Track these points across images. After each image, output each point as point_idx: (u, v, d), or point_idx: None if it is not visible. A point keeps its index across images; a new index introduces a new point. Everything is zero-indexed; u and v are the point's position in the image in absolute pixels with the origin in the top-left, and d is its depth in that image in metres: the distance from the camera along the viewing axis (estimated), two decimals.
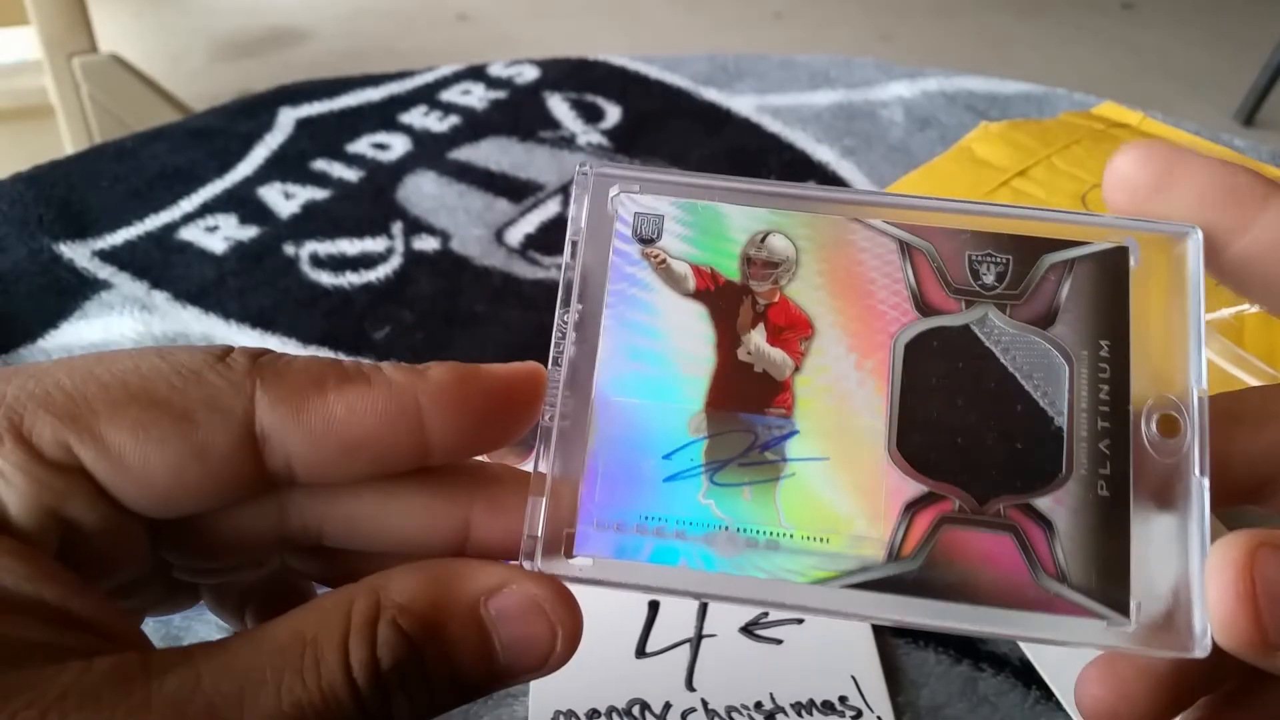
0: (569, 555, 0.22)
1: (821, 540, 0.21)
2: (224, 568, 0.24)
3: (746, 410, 0.22)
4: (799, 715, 0.35)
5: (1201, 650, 0.20)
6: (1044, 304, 0.22)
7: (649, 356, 0.22)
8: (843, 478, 0.22)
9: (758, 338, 0.22)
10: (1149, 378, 0.22)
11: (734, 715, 0.35)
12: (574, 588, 0.22)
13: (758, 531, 0.22)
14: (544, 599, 0.21)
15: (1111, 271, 0.22)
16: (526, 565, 0.21)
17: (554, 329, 0.22)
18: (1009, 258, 0.22)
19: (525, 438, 0.45)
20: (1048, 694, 0.36)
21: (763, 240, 0.23)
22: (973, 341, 0.22)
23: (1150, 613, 0.21)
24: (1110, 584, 0.21)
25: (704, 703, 0.35)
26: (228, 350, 0.21)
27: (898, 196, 0.23)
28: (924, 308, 0.22)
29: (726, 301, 0.23)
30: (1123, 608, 0.21)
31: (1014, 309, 0.22)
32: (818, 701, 0.35)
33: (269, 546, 0.23)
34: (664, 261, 0.23)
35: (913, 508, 0.21)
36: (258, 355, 0.21)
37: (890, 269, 0.23)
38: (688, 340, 0.23)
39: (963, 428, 0.22)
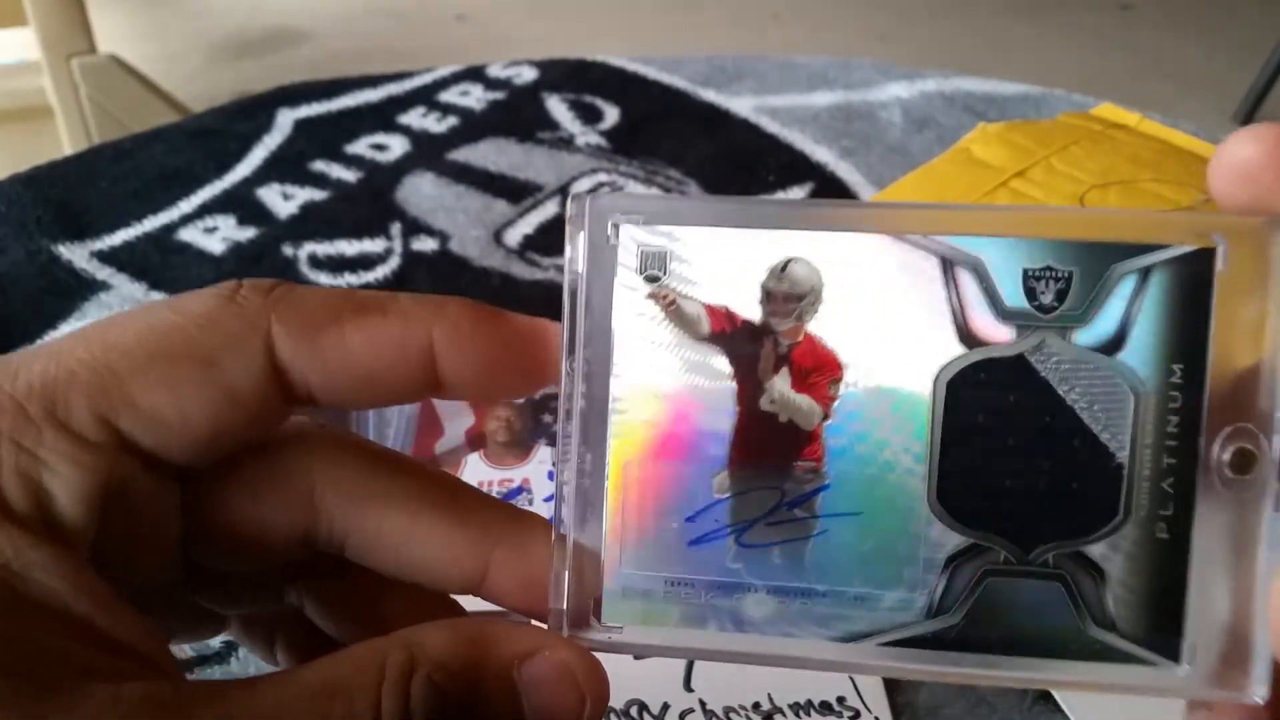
0: (596, 624, 0.21)
1: (856, 600, 0.20)
2: (248, 592, 0.24)
3: (773, 465, 0.20)
4: (797, 715, 0.35)
5: (1258, 696, 0.19)
6: (1112, 325, 0.20)
7: (665, 409, 0.21)
8: (878, 533, 0.20)
9: (782, 384, 0.20)
10: (1225, 404, 0.19)
11: (732, 716, 0.35)
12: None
13: (789, 593, 0.21)
14: (575, 667, 0.21)
15: (1192, 280, 0.19)
16: None
17: (561, 379, 0.21)
18: (1072, 271, 0.20)
19: (524, 438, 0.45)
20: (1046, 694, 0.36)
21: (783, 269, 0.20)
22: (1027, 373, 0.20)
23: (1206, 657, 0.19)
24: (1161, 631, 0.19)
25: (702, 703, 0.35)
26: (237, 287, 0.21)
27: (938, 206, 0.21)
28: (970, 338, 0.20)
29: (746, 344, 0.21)
30: (1174, 654, 0.19)
31: (1076, 332, 0.20)
32: (815, 702, 0.35)
33: (294, 546, 0.22)
34: (673, 302, 0.21)
35: (954, 561, 0.20)
36: (270, 289, 0.21)
37: (931, 292, 0.20)
38: (706, 389, 0.21)
39: (1012, 471, 0.20)
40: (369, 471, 0.22)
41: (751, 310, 0.21)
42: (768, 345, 0.21)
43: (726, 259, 0.21)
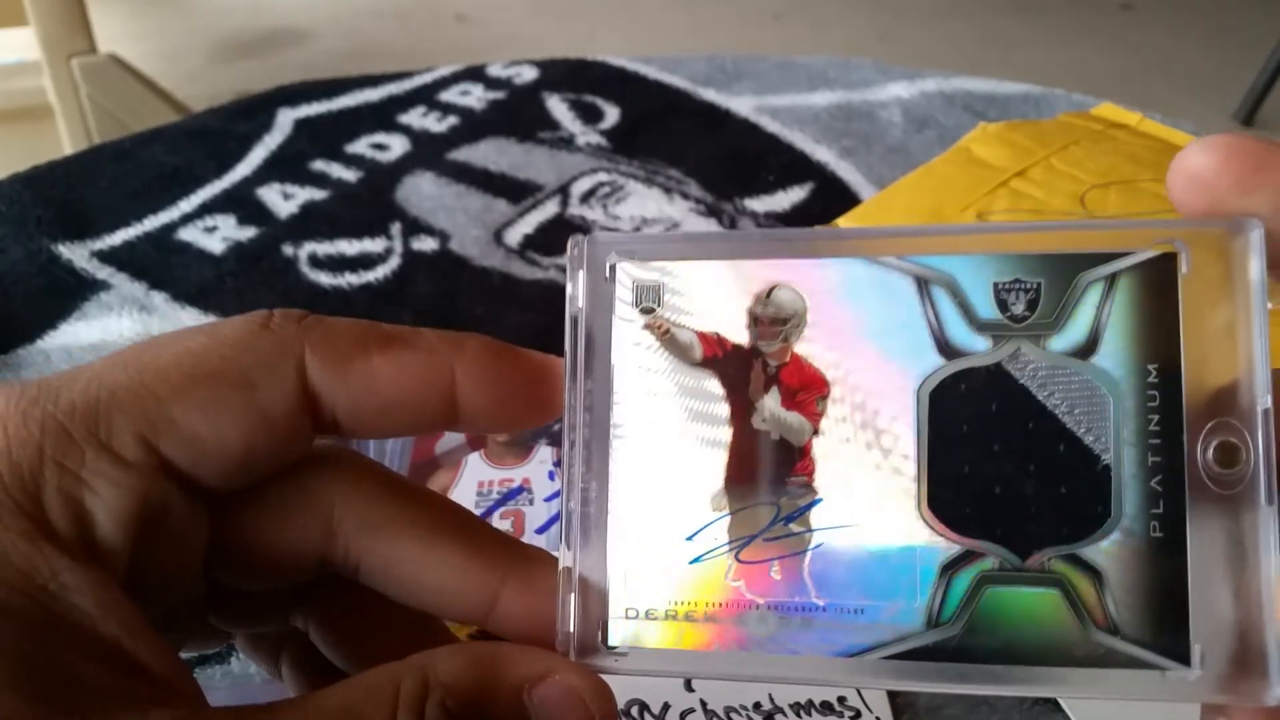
0: (603, 648, 0.22)
1: (856, 612, 0.21)
2: (258, 613, 0.25)
3: (767, 481, 0.21)
4: (798, 716, 0.35)
5: (1275, 698, 0.19)
6: (1083, 330, 0.20)
7: (663, 432, 0.22)
8: (873, 544, 0.21)
9: (771, 403, 0.21)
10: (1204, 401, 0.20)
11: (733, 716, 0.35)
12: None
13: (789, 608, 0.21)
14: (584, 690, 0.21)
15: (1158, 283, 0.20)
16: None
17: (565, 408, 0.22)
18: (1040, 282, 0.20)
19: (524, 438, 0.45)
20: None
21: (768, 295, 0.22)
22: (1005, 381, 0.20)
23: (1215, 659, 0.19)
24: (1167, 632, 0.19)
25: (703, 703, 0.35)
26: (269, 315, 0.22)
27: (909, 229, 0.21)
28: (948, 349, 0.21)
29: (736, 367, 0.21)
30: (1182, 657, 0.19)
31: (1050, 339, 0.20)
32: (816, 702, 0.35)
33: (310, 567, 0.23)
34: (667, 331, 0.22)
35: (950, 569, 0.20)
36: (300, 318, 0.22)
37: (908, 309, 0.21)
38: (701, 412, 0.22)
39: (1000, 477, 0.20)
40: (387, 499, 0.23)
41: (740, 335, 0.22)
42: (757, 367, 0.21)
43: (715, 289, 0.22)
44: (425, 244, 0.61)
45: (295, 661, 0.26)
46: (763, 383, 0.21)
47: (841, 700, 0.35)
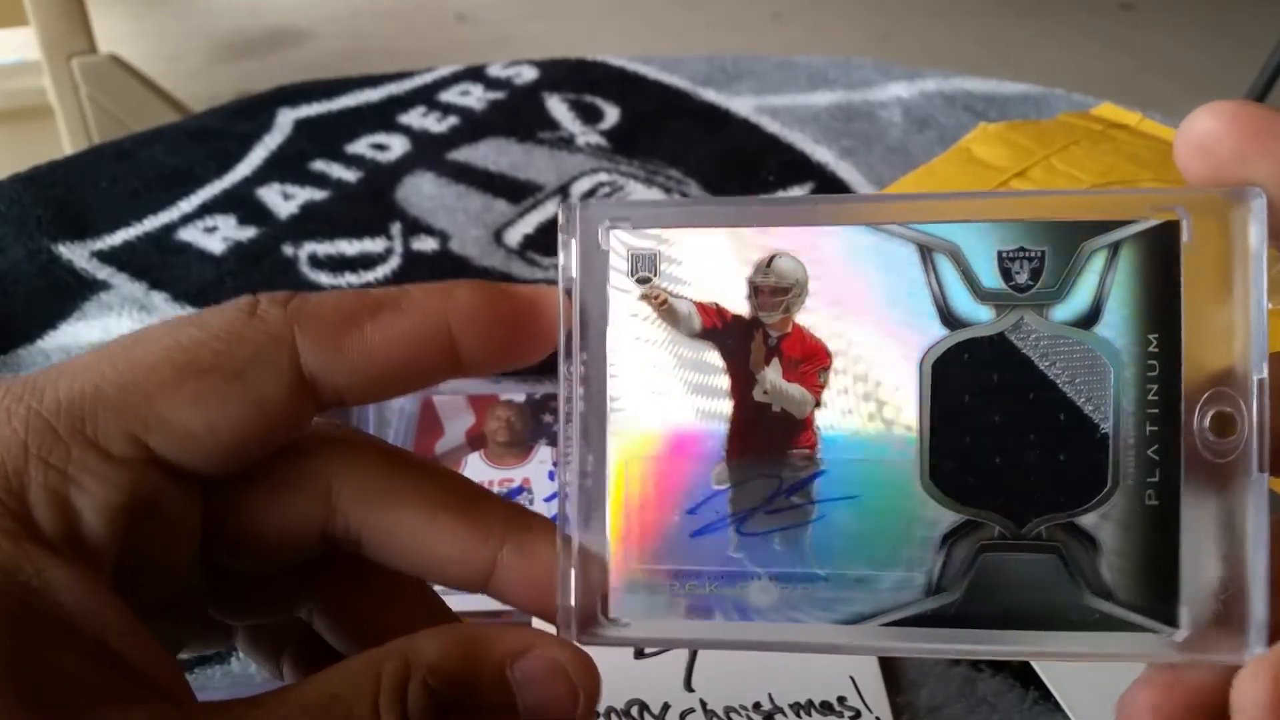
0: (605, 620, 0.21)
1: (857, 582, 0.21)
2: (259, 602, 0.25)
3: (769, 454, 0.21)
4: (797, 715, 0.35)
5: (1249, 656, 0.19)
6: (1086, 299, 0.20)
7: (662, 405, 0.21)
8: (875, 515, 0.21)
9: (773, 375, 0.21)
10: (1202, 370, 0.20)
11: (732, 716, 0.35)
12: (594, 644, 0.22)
13: (791, 579, 0.21)
14: (567, 662, 0.21)
15: (1161, 252, 0.20)
16: (564, 634, 0.22)
17: (559, 383, 0.22)
18: (1044, 250, 0.20)
19: (524, 438, 0.45)
20: (1046, 694, 0.36)
21: (769, 264, 0.21)
22: (1008, 351, 0.20)
23: (1201, 621, 0.20)
24: (1158, 596, 0.20)
25: (702, 703, 0.35)
26: (255, 302, 0.22)
27: (913, 196, 0.22)
28: (951, 320, 0.20)
29: (736, 338, 0.21)
30: (1171, 619, 0.20)
31: (1053, 309, 0.20)
32: (816, 702, 0.35)
33: (311, 544, 0.23)
34: (665, 302, 0.21)
35: (950, 538, 0.20)
36: (286, 300, 0.22)
37: (911, 279, 0.21)
38: (701, 384, 0.21)
39: (1000, 447, 0.20)
40: (384, 471, 0.23)
41: (740, 305, 0.21)
42: (758, 338, 0.21)
43: (714, 258, 0.21)
44: (425, 244, 0.61)
45: (296, 659, 0.26)
46: (764, 354, 0.21)
47: (841, 700, 0.35)
